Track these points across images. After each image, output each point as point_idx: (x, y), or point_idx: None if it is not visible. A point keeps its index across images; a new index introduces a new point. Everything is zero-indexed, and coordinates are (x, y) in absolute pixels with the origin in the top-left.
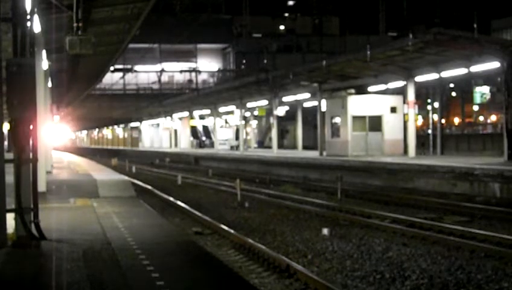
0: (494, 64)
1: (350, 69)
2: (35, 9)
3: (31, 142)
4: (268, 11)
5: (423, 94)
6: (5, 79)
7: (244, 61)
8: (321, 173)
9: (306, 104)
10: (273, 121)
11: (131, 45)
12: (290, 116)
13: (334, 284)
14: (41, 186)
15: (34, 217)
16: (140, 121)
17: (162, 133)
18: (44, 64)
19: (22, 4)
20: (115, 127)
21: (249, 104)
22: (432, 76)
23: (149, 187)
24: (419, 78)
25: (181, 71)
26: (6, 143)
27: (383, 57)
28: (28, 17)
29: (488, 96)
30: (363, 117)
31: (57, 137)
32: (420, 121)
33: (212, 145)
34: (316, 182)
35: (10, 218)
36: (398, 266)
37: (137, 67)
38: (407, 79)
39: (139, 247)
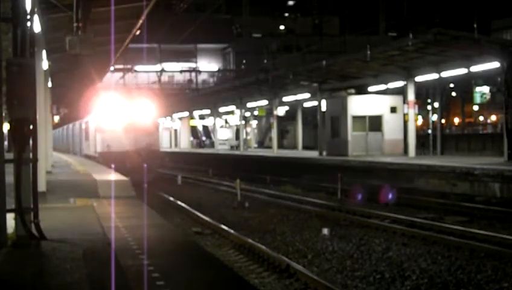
0: (494, 64)
1: (350, 69)
2: (35, 9)
3: (31, 142)
4: (268, 11)
5: (423, 94)
6: (5, 79)
7: (244, 61)
8: (321, 173)
9: (306, 104)
10: (273, 121)
11: (131, 45)
12: (290, 116)
13: (334, 284)
14: (41, 186)
15: (34, 217)
16: None
17: (162, 133)
18: (44, 64)
19: (22, 4)
20: None
21: (249, 104)
22: (432, 76)
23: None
24: (419, 78)
25: (181, 71)
26: (6, 143)
27: (383, 57)
28: (28, 17)
29: (488, 96)
30: (363, 117)
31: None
32: (420, 121)
33: (212, 145)
34: (316, 182)
35: (10, 218)
36: (398, 266)
37: (137, 67)
38: (407, 79)
39: (139, 247)
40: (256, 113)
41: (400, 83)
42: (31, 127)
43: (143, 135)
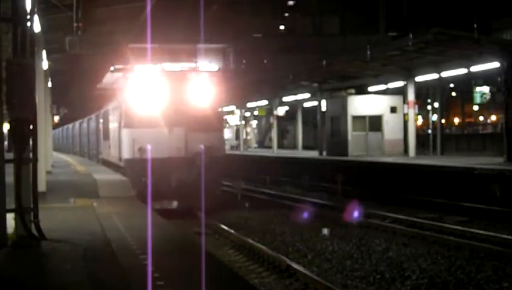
0: (494, 64)
1: (350, 69)
2: (35, 9)
3: (31, 142)
4: (268, 11)
5: (423, 94)
6: (5, 79)
7: (244, 61)
8: (321, 172)
9: (306, 104)
10: (273, 121)
11: (131, 45)
12: (290, 116)
13: (334, 284)
14: (41, 186)
15: (34, 217)
16: None
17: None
18: (44, 64)
19: (22, 4)
20: None
21: (249, 104)
22: (432, 76)
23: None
24: (419, 78)
25: (181, 71)
26: (6, 143)
27: (383, 57)
28: (28, 17)
29: (488, 96)
30: (363, 117)
31: None
32: (420, 121)
33: None
34: (316, 182)
35: (10, 218)
36: (398, 266)
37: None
38: (407, 79)
39: (139, 247)
40: (256, 113)
41: (399, 83)
42: (31, 127)
43: (199, 133)
